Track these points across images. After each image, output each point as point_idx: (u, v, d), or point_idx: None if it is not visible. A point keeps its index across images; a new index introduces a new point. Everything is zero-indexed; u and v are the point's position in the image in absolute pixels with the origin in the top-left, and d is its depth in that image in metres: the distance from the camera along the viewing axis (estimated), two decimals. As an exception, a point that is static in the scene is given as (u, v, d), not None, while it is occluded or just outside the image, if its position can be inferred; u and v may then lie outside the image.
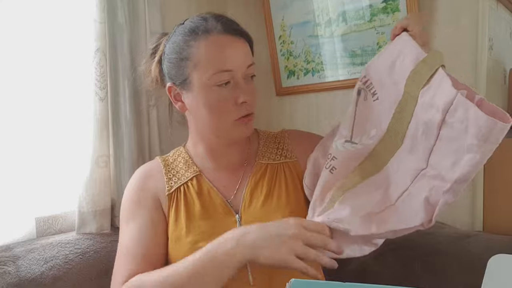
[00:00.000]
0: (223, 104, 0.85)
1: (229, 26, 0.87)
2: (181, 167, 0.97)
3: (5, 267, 0.94)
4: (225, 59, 0.84)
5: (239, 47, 0.86)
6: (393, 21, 1.21)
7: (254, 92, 0.89)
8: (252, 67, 0.88)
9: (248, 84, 0.88)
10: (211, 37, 0.85)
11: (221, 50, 0.84)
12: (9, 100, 1.05)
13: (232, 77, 0.85)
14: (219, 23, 0.86)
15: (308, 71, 1.41)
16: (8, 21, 1.04)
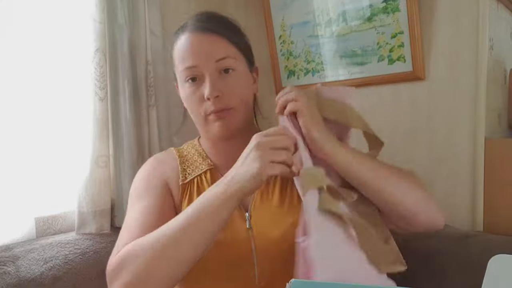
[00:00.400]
0: (192, 100, 0.88)
1: (199, 24, 0.87)
2: (195, 159, 0.97)
3: (4, 267, 0.94)
4: (189, 56, 0.86)
5: (205, 43, 0.86)
6: (393, 21, 1.21)
7: (229, 86, 0.86)
8: (224, 60, 0.86)
9: (222, 78, 0.86)
10: (182, 36, 0.88)
11: (187, 47, 0.87)
12: (9, 100, 1.04)
13: (199, 72, 0.85)
14: (193, 22, 0.89)
15: (308, 71, 1.41)
16: (8, 21, 1.03)
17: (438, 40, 1.18)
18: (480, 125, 1.13)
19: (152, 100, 1.27)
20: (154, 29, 1.28)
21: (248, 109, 0.92)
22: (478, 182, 1.13)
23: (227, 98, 0.86)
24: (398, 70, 1.23)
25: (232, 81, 0.87)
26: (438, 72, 1.19)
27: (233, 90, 0.86)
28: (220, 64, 0.86)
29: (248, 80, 0.92)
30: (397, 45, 1.22)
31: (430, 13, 1.19)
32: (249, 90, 0.92)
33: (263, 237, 0.84)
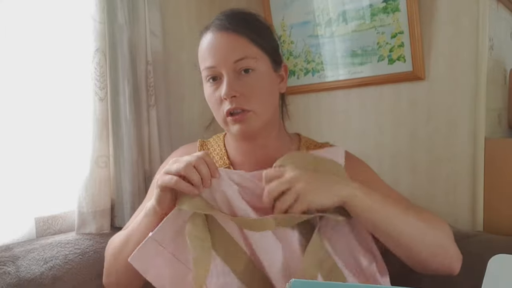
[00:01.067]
0: (212, 99, 0.87)
1: (220, 23, 0.86)
2: (215, 155, 0.98)
3: (4, 267, 0.94)
4: (208, 56, 0.85)
5: (224, 43, 0.85)
6: (393, 21, 1.21)
7: (247, 87, 0.84)
8: (243, 61, 0.84)
9: (240, 79, 0.84)
10: (205, 35, 0.88)
11: (206, 47, 0.86)
12: (8, 100, 1.04)
13: (218, 72, 0.85)
14: (215, 20, 0.88)
15: (308, 71, 1.41)
16: (8, 21, 1.03)
17: (438, 40, 1.18)
18: (480, 125, 1.13)
19: (152, 100, 1.27)
20: (154, 29, 1.28)
21: (270, 110, 0.89)
22: (478, 182, 1.13)
23: (245, 99, 0.84)
24: (398, 70, 1.23)
25: (252, 82, 0.85)
26: (438, 72, 1.19)
27: (251, 91, 0.84)
28: (238, 65, 0.84)
29: (271, 81, 0.89)
30: (397, 45, 1.22)
31: (430, 13, 1.19)
32: (271, 91, 0.89)
33: None
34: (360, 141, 1.33)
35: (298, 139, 0.99)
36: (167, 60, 1.35)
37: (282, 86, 0.92)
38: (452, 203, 1.18)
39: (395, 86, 1.27)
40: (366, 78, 1.30)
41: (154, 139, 1.27)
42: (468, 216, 1.15)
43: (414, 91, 1.23)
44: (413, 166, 1.25)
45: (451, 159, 1.18)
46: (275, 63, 0.90)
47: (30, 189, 1.08)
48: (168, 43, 1.36)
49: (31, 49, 1.08)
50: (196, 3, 1.48)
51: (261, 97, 0.86)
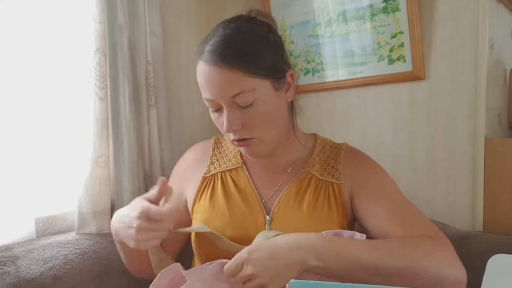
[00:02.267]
0: (218, 125, 0.88)
1: (212, 56, 0.81)
2: (228, 153, 0.98)
3: (4, 267, 0.94)
4: (205, 89, 0.83)
5: (218, 79, 0.80)
6: (393, 21, 1.21)
7: (248, 118, 0.82)
8: (240, 96, 0.80)
9: (240, 110, 0.82)
10: (200, 63, 0.84)
11: (203, 78, 0.83)
12: (8, 100, 1.04)
13: (218, 104, 0.83)
14: (207, 50, 0.82)
15: (308, 71, 1.41)
16: (8, 21, 1.03)
17: (438, 40, 1.18)
18: (480, 124, 1.13)
19: (152, 100, 1.27)
20: (154, 29, 1.28)
21: (277, 131, 0.88)
22: (478, 182, 1.13)
23: (248, 129, 0.83)
24: (398, 70, 1.23)
25: (251, 113, 0.82)
26: (438, 72, 1.19)
27: (253, 122, 0.83)
28: (235, 100, 0.81)
29: (274, 102, 0.85)
30: (397, 45, 1.22)
31: (430, 13, 1.19)
32: (276, 112, 0.86)
33: None
34: (360, 141, 1.33)
35: (314, 139, 0.99)
36: (167, 60, 1.35)
37: (290, 95, 0.89)
38: (452, 203, 1.18)
39: (395, 86, 1.27)
40: (366, 78, 1.30)
41: (154, 139, 1.27)
42: (468, 216, 1.16)
43: (414, 91, 1.23)
44: (413, 165, 1.25)
45: (451, 158, 1.18)
46: (276, 81, 0.85)
47: (30, 189, 1.08)
48: (168, 43, 1.36)
49: (31, 49, 1.08)
50: (196, 3, 1.48)
51: (264, 125, 0.84)
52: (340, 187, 0.90)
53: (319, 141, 0.98)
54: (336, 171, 0.91)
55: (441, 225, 1.13)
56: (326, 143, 0.98)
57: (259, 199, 0.91)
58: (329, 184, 0.90)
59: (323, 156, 0.95)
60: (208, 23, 1.51)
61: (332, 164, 0.93)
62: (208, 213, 0.91)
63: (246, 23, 0.86)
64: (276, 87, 0.85)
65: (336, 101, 1.39)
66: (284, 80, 0.87)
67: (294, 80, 0.89)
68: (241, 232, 0.87)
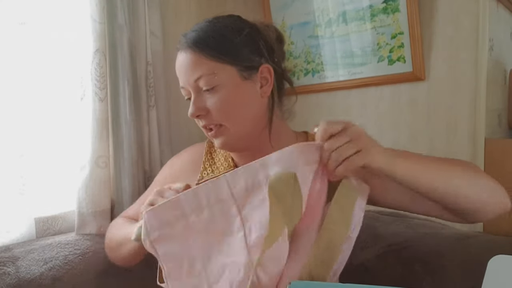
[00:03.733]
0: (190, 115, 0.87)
1: (186, 41, 0.85)
2: (219, 158, 0.97)
3: (4, 268, 0.94)
4: (178, 76, 0.87)
5: (183, 63, 0.85)
6: (393, 22, 1.21)
7: (211, 104, 0.83)
8: (201, 79, 0.82)
9: (204, 96, 0.83)
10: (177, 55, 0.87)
11: (176, 67, 0.87)
12: (8, 100, 1.04)
13: (188, 91, 0.86)
14: (183, 39, 0.86)
15: (308, 71, 1.41)
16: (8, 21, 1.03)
17: (438, 41, 1.18)
18: (480, 125, 1.13)
19: (152, 101, 1.27)
20: (154, 29, 1.28)
21: (246, 121, 0.86)
22: (478, 183, 1.13)
23: (212, 116, 0.84)
24: (398, 71, 1.23)
25: (216, 98, 0.82)
26: (438, 73, 1.19)
27: (217, 107, 0.83)
28: (198, 84, 0.83)
29: (241, 91, 0.84)
30: (397, 45, 1.22)
31: (430, 13, 1.19)
32: (243, 101, 0.85)
33: None
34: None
35: (305, 137, 0.96)
36: (167, 60, 1.35)
37: (266, 90, 0.86)
38: (452, 204, 1.18)
39: (395, 87, 1.27)
40: (366, 79, 1.30)
41: (154, 140, 1.27)
42: (468, 217, 1.15)
43: (414, 91, 1.24)
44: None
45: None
46: (246, 70, 0.84)
47: (30, 189, 1.08)
48: (168, 43, 1.36)
49: (31, 50, 1.08)
50: (195, 3, 1.48)
51: (229, 111, 0.83)
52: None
53: (310, 138, 0.95)
54: None
55: (441, 225, 1.13)
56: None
57: None
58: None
59: None
60: (208, 24, 1.51)
61: None
62: None
63: (223, 18, 0.89)
64: (245, 76, 0.84)
65: (336, 101, 1.39)
66: (257, 71, 0.85)
67: (271, 77, 0.87)
68: None
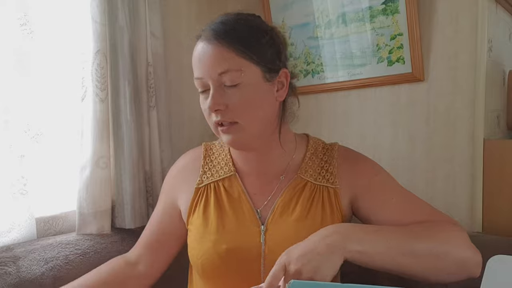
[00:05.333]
0: (203, 109, 0.86)
1: (208, 33, 0.83)
2: (219, 161, 0.95)
3: (5, 268, 0.94)
4: (196, 67, 0.84)
5: (209, 54, 0.82)
6: (392, 23, 1.21)
7: (232, 101, 0.81)
8: (227, 74, 0.80)
9: (225, 91, 0.81)
10: (196, 44, 0.85)
11: (195, 57, 0.84)
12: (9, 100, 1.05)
13: (206, 84, 0.83)
14: (206, 30, 0.84)
15: (308, 72, 1.42)
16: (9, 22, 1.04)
17: (437, 42, 1.19)
18: (479, 126, 1.13)
19: (153, 101, 1.27)
20: (154, 30, 1.28)
21: (261, 122, 0.85)
22: (477, 183, 1.14)
23: (231, 112, 0.82)
24: (398, 72, 1.24)
25: (237, 95, 0.81)
26: (437, 74, 1.20)
27: (237, 105, 0.81)
28: (222, 77, 0.81)
29: (261, 92, 0.84)
30: (397, 46, 1.22)
31: (429, 15, 1.19)
32: (262, 103, 0.84)
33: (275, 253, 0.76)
34: (359, 142, 1.33)
35: (306, 140, 0.96)
36: (168, 61, 1.36)
37: (281, 94, 0.86)
38: (451, 204, 1.19)
39: (394, 88, 1.27)
40: (366, 80, 1.30)
41: (154, 140, 1.28)
42: (467, 217, 1.16)
43: (413, 92, 1.24)
44: (412, 167, 1.25)
45: (450, 160, 1.18)
46: (269, 72, 0.84)
47: (31, 189, 1.09)
48: (168, 44, 1.36)
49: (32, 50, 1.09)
50: (196, 4, 1.48)
51: (248, 110, 0.82)
52: (336, 191, 0.88)
53: (311, 142, 0.95)
54: (331, 175, 0.89)
55: (440, 226, 1.14)
56: (318, 145, 0.95)
57: (254, 209, 0.89)
58: (324, 188, 0.89)
59: (316, 159, 0.92)
60: (208, 25, 1.51)
61: (326, 168, 0.90)
62: (202, 228, 0.89)
63: (248, 16, 0.88)
64: (267, 78, 0.84)
65: (335, 102, 1.39)
66: (277, 75, 0.85)
67: (287, 81, 0.87)
68: (236, 244, 0.85)
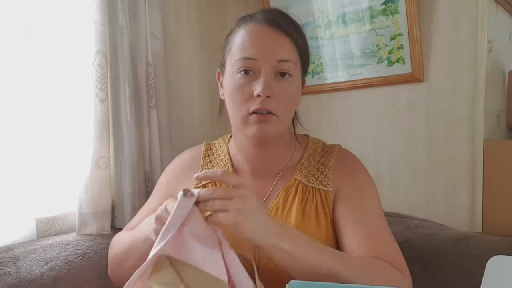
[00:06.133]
0: (241, 92, 0.82)
1: (270, 17, 0.82)
2: (218, 162, 0.95)
3: (5, 268, 0.94)
4: (251, 47, 0.81)
5: (272, 39, 0.81)
6: (392, 23, 1.21)
7: (281, 91, 0.81)
8: (285, 63, 0.80)
9: (276, 81, 0.81)
10: (250, 25, 0.84)
11: (252, 37, 0.82)
12: (9, 101, 1.05)
13: (256, 67, 0.81)
14: (264, 14, 0.84)
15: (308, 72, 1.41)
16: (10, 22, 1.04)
17: (437, 42, 1.19)
18: (479, 126, 1.13)
19: (153, 102, 1.27)
20: (154, 31, 1.28)
21: (289, 119, 0.88)
22: (477, 183, 1.14)
23: (276, 102, 0.81)
24: (397, 72, 1.24)
25: (286, 87, 0.82)
26: (437, 74, 1.20)
27: (283, 97, 0.81)
28: (280, 65, 0.81)
29: (298, 90, 0.87)
30: (396, 47, 1.22)
31: (429, 15, 1.19)
32: (296, 99, 0.87)
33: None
34: (359, 142, 1.33)
35: (305, 141, 0.95)
36: (168, 61, 1.36)
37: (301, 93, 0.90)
38: (451, 204, 1.19)
39: (394, 88, 1.27)
40: (366, 80, 1.30)
41: (154, 140, 1.28)
42: (467, 217, 1.16)
43: (413, 92, 1.24)
44: (412, 167, 1.25)
45: (450, 160, 1.18)
46: (304, 72, 0.88)
47: (31, 190, 1.09)
48: (168, 44, 1.36)
49: (32, 51, 1.09)
50: (196, 5, 1.48)
51: (289, 103, 0.84)
52: (327, 194, 0.87)
53: (311, 143, 0.95)
54: (325, 177, 0.88)
55: (440, 226, 1.14)
56: (318, 146, 0.94)
57: None
58: (316, 190, 0.87)
59: (313, 161, 0.91)
60: (208, 25, 1.52)
61: (321, 170, 0.89)
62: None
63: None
64: (302, 77, 0.88)
65: (335, 102, 1.39)
66: (305, 75, 0.90)
67: (303, 87, 0.91)
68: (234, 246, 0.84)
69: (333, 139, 1.01)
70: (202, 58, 1.49)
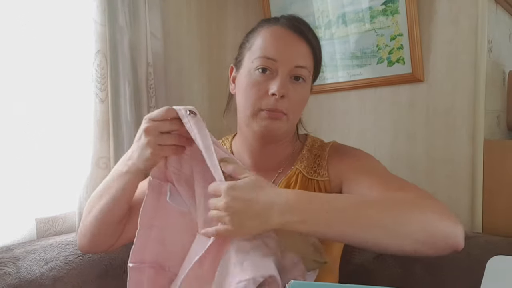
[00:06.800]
0: (256, 89, 0.85)
1: (294, 24, 0.88)
2: None
3: (5, 268, 0.94)
4: (274, 48, 0.86)
5: (294, 44, 0.87)
6: (392, 23, 1.21)
7: (294, 94, 0.86)
8: (301, 69, 0.86)
9: (291, 83, 0.86)
10: (274, 27, 0.89)
11: (275, 39, 0.87)
12: (10, 101, 1.05)
13: (275, 67, 0.85)
14: (288, 19, 0.90)
15: (308, 73, 1.42)
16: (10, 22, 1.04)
17: (437, 42, 1.19)
18: (479, 126, 1.13)
19: (153, 102, 1.27)
20: (154, 31, 1.28)
21: (296, 121, 0.94)
22: (477, 184, 1.14)
23: (288, 103, 0.85)
24: (398, 72, 1.24)
25: (299, 90, 0.87)
26: (437, 74, 1.20)
27: (295, 99, 0.87)
28: (296, 70, 0.86)
29: (308, 94, 0.92)
30: (397, 47, 1.22)
31: (429, 15, 1.19)
32: (305, 104, 0.92)
33: None
34: (359, 142, 1.33)
35: (304, 139, 0.99)
36: (168, 62, 1.36)
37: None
38: (451, 204, 1.18)
39: (394, 88, 1.27)
40: (366, 80, 1.30)
41: (154, 141, 1.27)
42: (467, 218, 1.16)
43: (413, 93, 1.24)
44: (412, 167, 1.25)
45: (450, 160, 1.18)
46: (315, 78, 0.94)
47: (31, 190, 1.09)
48: (168, 45, 1.36)
49: (33, 51, 1.09)
50: (196, 5, 1.48)
51: (299, 106, 0.90)
52: (326, 184, 0.90)
53: (309, 140, 0.99)
54: (321, 169, 0.91)
55: (440, 226, 1.13)
56: (315, 142, 0.98)
57: None
58: (315, 182, 0.90)
59: (311, 155, 0.95)
60: (208, 26, 1.52)
61: (318, 162, 0.93)
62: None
63: None
64: (311, 86, 0.93)
65: (335, 103, 1.39)
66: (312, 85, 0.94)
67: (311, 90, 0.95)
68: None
69: (333, 139, 1.01)
70: (202, 58, 1.49)
